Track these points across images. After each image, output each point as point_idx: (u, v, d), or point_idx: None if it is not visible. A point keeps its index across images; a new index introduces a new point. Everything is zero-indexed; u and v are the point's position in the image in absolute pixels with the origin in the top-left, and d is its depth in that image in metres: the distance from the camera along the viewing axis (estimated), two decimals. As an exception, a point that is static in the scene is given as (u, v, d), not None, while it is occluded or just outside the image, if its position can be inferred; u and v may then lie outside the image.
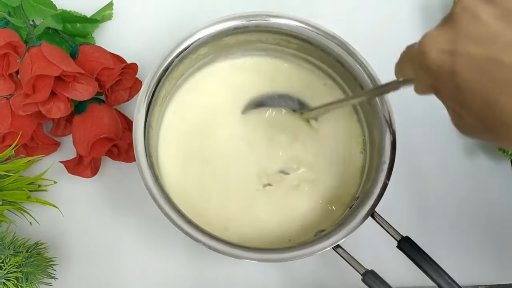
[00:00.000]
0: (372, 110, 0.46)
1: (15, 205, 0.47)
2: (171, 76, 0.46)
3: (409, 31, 0.59)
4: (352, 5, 0.60)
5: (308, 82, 0.51)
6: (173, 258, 0.51)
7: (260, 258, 0.41)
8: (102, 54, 0.51)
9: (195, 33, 0.46)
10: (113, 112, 0.50)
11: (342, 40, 0.47)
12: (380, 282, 0.41)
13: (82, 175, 0.50)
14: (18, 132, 0.48)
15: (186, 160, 0.48)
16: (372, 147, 0.47)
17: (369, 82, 0.46)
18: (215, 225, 0.46)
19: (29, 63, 0.46)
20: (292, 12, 0.48)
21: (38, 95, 0.46)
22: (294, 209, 0.47)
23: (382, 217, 0.43)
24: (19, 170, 0.47)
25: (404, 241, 0.42)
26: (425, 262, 0.41)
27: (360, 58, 0.46)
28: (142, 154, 0.42)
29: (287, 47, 0.49)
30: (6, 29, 0.50)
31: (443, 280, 0.40)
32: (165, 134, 0.48)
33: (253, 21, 0.47)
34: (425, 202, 0.54)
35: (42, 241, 0.47)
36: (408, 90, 0.59)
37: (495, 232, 0.54)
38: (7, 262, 0.43)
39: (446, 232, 0.53)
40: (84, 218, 0.51)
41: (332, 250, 0.42)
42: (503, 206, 0.55)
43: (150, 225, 0.51)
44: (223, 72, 0.51)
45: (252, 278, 0.51)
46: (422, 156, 0.55)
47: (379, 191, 0.43)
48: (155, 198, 0.41)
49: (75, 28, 0.54)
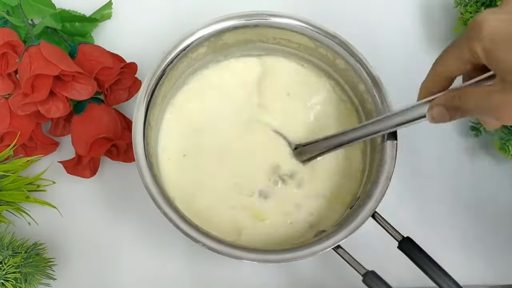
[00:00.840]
0: (372, 109, 0.46)
1: (13, 205, 0.47)
2: (171, 75, 0.46)
3: (410, 31, 0.59)
4: (351, 4, 0.60)
5: (308, 82, 0.51)
6: (173, 258, 0.51)
7: (260, 259, 0.41)
8: (101, 54, 0.50)
9: (195, 32, 0.46)
10: (112, 112, 0.50)
11: (342, 39, 0.47)
12: (381, 283, 0.41)
13: (81, 175, 0.50)
14: (17, 131, 0.48)
15: (186, 160, 0.48)
16: (372, 147, 0.46)
17: (370, 81, 0.46)
18: (215, 226, 0.45)
19: (28, 62, 0.46)
20: (292, 11, 0.47)
21: (37, 95, 0.46)
22: (295, 210, 0.47)
23: (383, 217, 0.43)
24: (18, 170, 0.47)
25: (405, 241, 0.42)
26: (426, 263, 0.41)
27: (361, 58, 0.46)
28: (141, 154, 0.42)
29: (287, 46, 0.49)
30: (5, 28, 0.50)
31: (444, 281, 0.40)
32: (164, 134, 0.48)
33: (253, 20, 0.47)
34: (426, 202, 0.54)
35: (41, 242, 0.47)
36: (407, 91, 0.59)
37: (497, 233, 0.53)
38: (6, 262, 0.43)
39: (447, 233, 0.53)
40: (83, 218, 0.51)
41: (332, 250, 0.41)
42: (504, 206, 0.54)
43: (149, 225, 0.51)
44: (223, 72, 0.51)
45: (253, 278, 0.51)
46: (423, 156, 0.55)
47: (379, 192, 0.43)
48: (154, 198, 0.41)
49: (74, 27, 0.54)
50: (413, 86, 0.57)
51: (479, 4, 0.52)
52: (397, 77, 0.56)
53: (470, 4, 0.54)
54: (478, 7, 0.52)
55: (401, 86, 0.56)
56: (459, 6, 0.56)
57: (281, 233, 0.46)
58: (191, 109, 0.49)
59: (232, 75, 0.51)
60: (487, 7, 0.52)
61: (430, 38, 0.59)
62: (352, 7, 0.60)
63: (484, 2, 0.52)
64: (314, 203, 0.47)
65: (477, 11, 0.52)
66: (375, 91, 0.46)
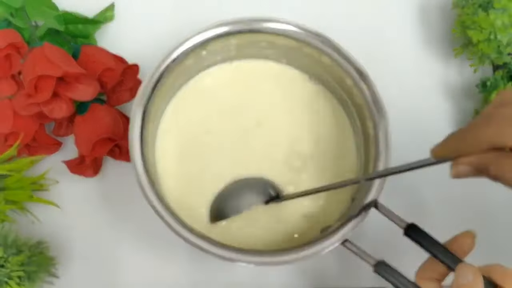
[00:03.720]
0: (362, 103, 0.47)
1: (17, 204, 0.47)
2: (169, 78, 0.46)
3: (407, 32, 0.60)
4: (348, 5, 0.60)
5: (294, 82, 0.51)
6: (174, 258, 0.51)
7: (270, 261, 0.41)
8: (103, 55, 0.51)
9: (196, 35, 0.46)
10: (114, 113, 0.51)
11: (326, 36, 0.47)
12: (392, 271, 0.41)
13: (84, 175, 0.50)
14: (20, 132, 0.48)
15: (184, 163, 0.48)
16: (366, 138, 0.47)
17: (356, 75, 0.46)
18: (216, 228, 0.46)
19: (32, 63, 0.47)
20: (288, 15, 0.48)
21: (40, 96, 0.46)
22: (297, 209, 0.48)
23: (385, 207, 0.43)
24: (22, 169, 0.47)
25: (411, 227, 0.42)
26: (434, 246, 0.41)
27: (345, 53, 0.46)
28: (138, 156, 0.43)
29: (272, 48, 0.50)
30: (9, 30, 0.50)
31: (453, 262, 0.40)
32: (162, 137, 0.49)
33: (256, 24, 0.47)
34: (426, 202, 0.54)
35: (44, 240, 0.48)
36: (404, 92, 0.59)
37: (498, 233, 0.54)
38: (10, 261, 0.43)
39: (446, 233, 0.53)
40: (86, 217, 0.51)
41: (339, 245, 0.42)
42: (505, 206, 0.55)
43: (152, 224, 0.51)
44: (225, 74, 0.51)
45: (257, 278, 0.51)
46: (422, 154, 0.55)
47: (379, 182, 0.43)
48: (153, 204, 0.42)
49: (77, 29, 0.54)
50: (410, 88, 0.58)
51: (476, 5, 0.53)
52: (394, 79, 0.57)
53: (467, 6, 0.54)
54: (475, 8, 0.53)
55: (398, 88, 0.56)
56: (456, 8, 0.56)
57: (285, 232, 0.47)
58: (186, 114, 0.50)
59: (232, 76, 0.51)
60: (484, 9, 0.52)
61: (427, 39, 0.60)
62: (348, 9, 0.60)
63: (481, 4, 0.53)
64: (314, 202, 0.48)
65: (474, 13, 0.53)
66: (363, 84, 0.46)
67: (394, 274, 0.40)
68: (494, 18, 0.51)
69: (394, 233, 0.43)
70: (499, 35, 0.51)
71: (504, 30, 0.51)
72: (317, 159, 0.49)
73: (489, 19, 0.51)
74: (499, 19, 0.51)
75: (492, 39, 0.51)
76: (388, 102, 0.46)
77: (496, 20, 0.51)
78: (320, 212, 0.48)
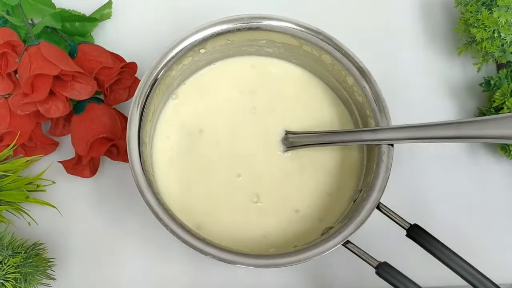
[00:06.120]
0: (363, 101, 0.46)
1: (13, 205, 0.47)
2: (168, 76, 0.46)
3: (410, 30, 0.59)
4: (351, 4, 0.60)
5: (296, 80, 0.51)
6: (173, 259, 0.50)
7: (272, 263, 0.40)
8: (101, 53, 0.50)
9: (195, 33, 0.46)
10: (112, 112, 0.50)
11: (326, 34, 0.47)
12: (395, 273, 0.40)
13: (81, 175, 0.50)
14: (17, 131, 0.48)
15: (182, 162, 0.48)
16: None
17: (358, 73, 0.46)
18: (216, 231, 0.46)
19: (28, 62, 0.46)
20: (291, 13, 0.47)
21: (37, 95, 0.46)
22: (298, 210, 0.47)
23: (388, 207, 0.42)
24: (18, 170, 0.47)
25: (413, 228, 0.41)
26: (436, 247, 0.40)
27: (346, 51, 0.46)
28: (136, 156, 0.42)
29: (272, 47, 0.49)
30: (5, 28, 0.50)
31: (456, 263, 0.40)
32: (160, 137, 0.48)
33: (254, 23, 0.47)
34: (425, 203, 0.54)
35: (41, 242, 0.47)
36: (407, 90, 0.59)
37: (498, 233, 0.53)
38: (6, 262, 0.43)
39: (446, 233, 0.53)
40: (83, 218, 0.51)
41: (341, 246, 0.41)
42: (504, 206, 0.54)
43: (149, 225, 0.51)
44: (223, 72, 0.51)
45: (257, 279, 0.50)
46: (423, 156, 0.55)
47: (381, 182, 0.43)
48: (150, 205, 0.41)
49: (74, 27, 0.54)
50: (413, 86, 0.57)
51: (480, 3, 0.52)
52: (397, 77, 0.56)
53: (470, 4, 0.53)
54: (478, 6, 0.52)
55: (400, 86, 0.56)
56: (459, 6, 0.56)
57: (286, 233, 0.46)
58: (189, 111, 0.49)
59: (233, 76, 0.51)
60: (488, 7, 0.52)
61: (430, 38, 0.59)
62: (350, 7, 0.60)
63: (484, 2, 0.52)
64: (316, 198, 0.47)
65: (477, 11, 0.52)
66: (364, 82, 0.46)
67: (397, 276, 0.40)
68: (498, 16, 0.50)
69: (396, 234, 0.43)
70: (503, 33, 0.51)
71: (508, 28, 0.51)
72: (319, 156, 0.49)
73: (493, 17, 0.51)
74: (503, 17, 0.50)
75: (496, 37, 0.51)
76: (390, 100, 0.46)
77: (499, 18, 0.50)
78: (321, 212, 0.47)
